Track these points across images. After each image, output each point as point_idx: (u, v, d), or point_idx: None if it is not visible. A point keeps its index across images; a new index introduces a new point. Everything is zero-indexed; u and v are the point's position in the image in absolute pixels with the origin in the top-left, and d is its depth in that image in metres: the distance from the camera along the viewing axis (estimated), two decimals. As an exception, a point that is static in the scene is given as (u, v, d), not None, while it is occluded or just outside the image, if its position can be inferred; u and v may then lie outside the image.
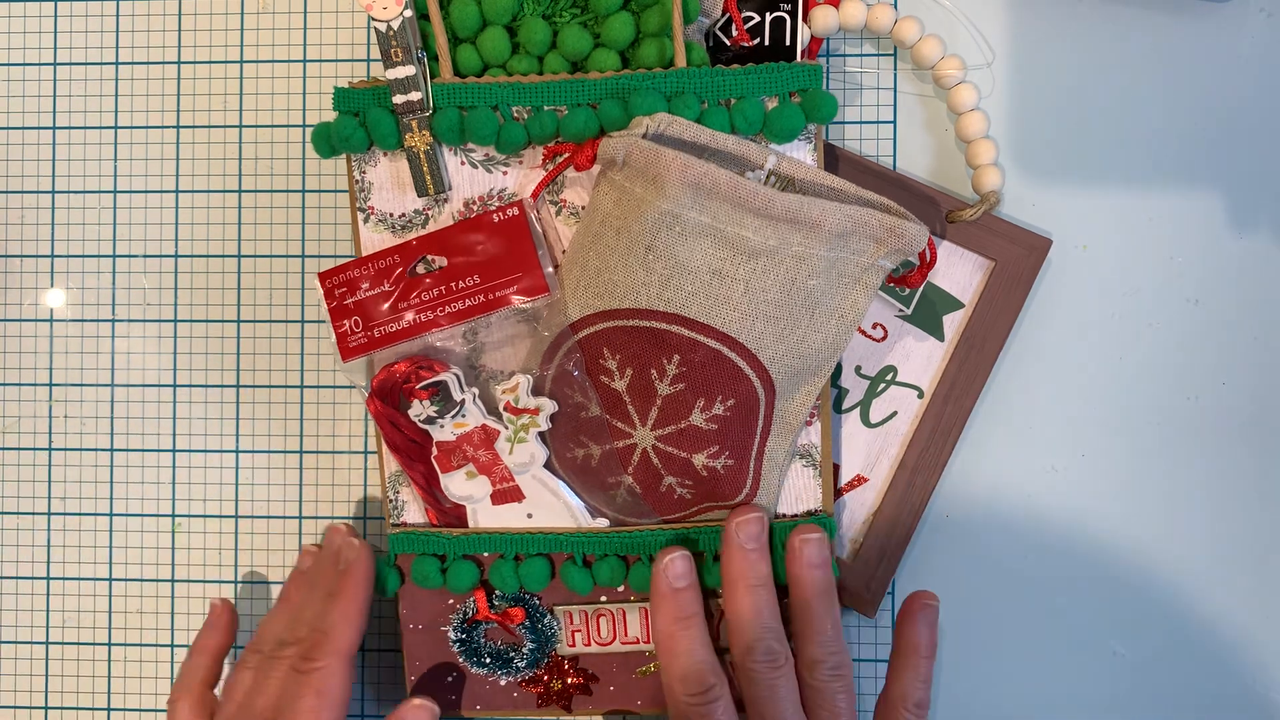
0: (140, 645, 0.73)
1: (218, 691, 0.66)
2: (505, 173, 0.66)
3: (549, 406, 0.65)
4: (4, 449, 0.73)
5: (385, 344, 0.65)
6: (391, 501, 0.69)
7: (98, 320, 0.72)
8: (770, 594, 0.63)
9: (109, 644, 0.73)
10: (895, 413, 0.69)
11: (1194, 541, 0.69)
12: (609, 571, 0.67)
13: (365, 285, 0.65)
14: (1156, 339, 0.68)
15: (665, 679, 0.63)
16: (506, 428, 0.65)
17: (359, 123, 0.65)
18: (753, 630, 0.62)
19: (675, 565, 0.64)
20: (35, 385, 0.73)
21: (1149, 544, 0.69)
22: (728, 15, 0.66)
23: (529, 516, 0.67)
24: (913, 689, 0.63)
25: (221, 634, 0.68)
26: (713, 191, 0.60)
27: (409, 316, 0.65)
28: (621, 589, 0.68)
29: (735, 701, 0.63)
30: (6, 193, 0.72)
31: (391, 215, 0.67)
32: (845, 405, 0.69)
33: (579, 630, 0.69)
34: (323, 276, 0.66)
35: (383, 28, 0.64)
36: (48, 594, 0.73)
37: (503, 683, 0.69)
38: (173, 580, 0.72)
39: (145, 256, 0.72)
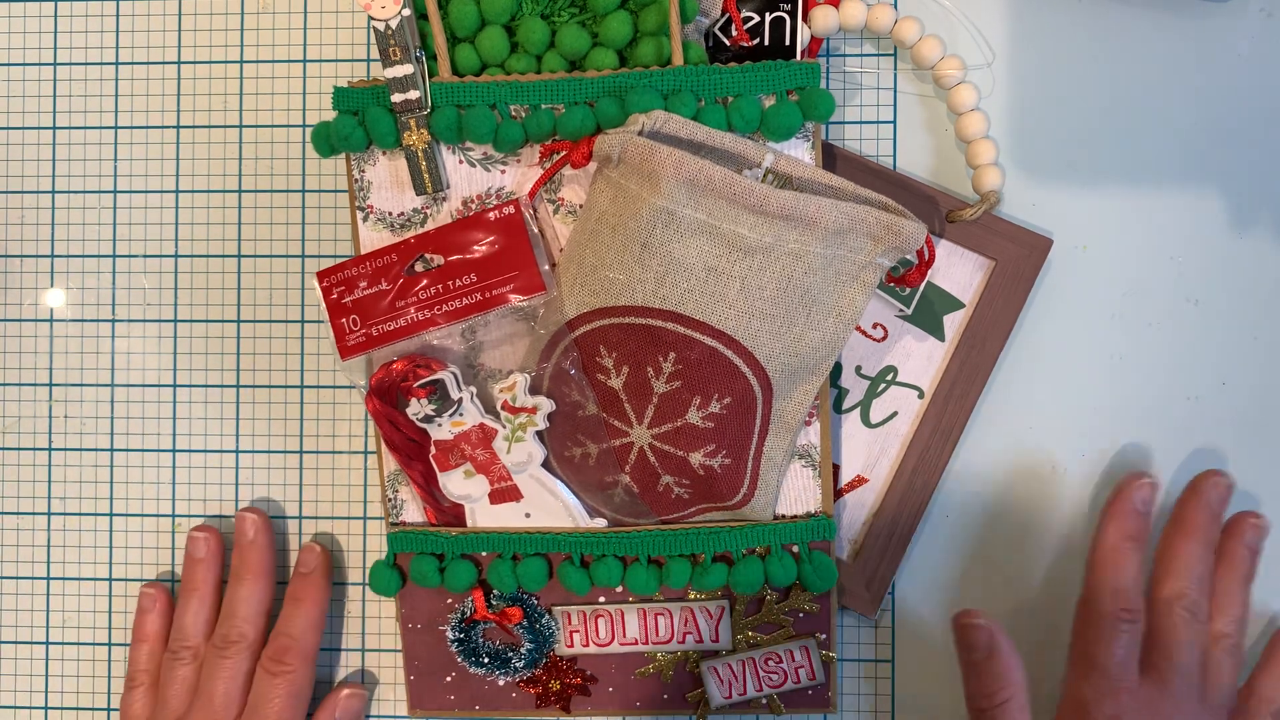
0: (140, 645, 0.73)
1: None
2: (503, 171, 0.66)
3: (546, 405, 0.65)
4: (4, 449, 0.73)
5: (383, 342, 0.65)
6: (390, 500, 0.69)
7: (98, 320, 0.72)
8: (1212, 557, 0.65)
9: (109, 644, 0.73)
10: (895, 413, 0.69)
11: (1195, 542, 0.68)
12: (607, 572, 0.66)
13: (363, 284, 0.65)
14: (1156, 339, 0.68)
15: (1094, 587, 0.65)
16: (504, 426, 0.65)
17: (358, 122, 0.65)
18: (1189, 578, 0.64)
19: (1146, 489, 0.66)
20: (35, 385, 0.73)
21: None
22: (727, 15, 0.65)
23: (527, 516, 0.67)
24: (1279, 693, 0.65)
25: (160, 619, 0.71)
26: (708, 188, 0.60)
27: (407, 315, 0.65)
28: (619, 589, 0.68)
29: None
30: (6, 193, 0.72)
31: (390, 214, 0.67)
32: (845, 405, 0.69)
33: (577, 631, 0.68)
34: (321, 275, 0.66)
35: (381, 27, 0.64)
36: (48, 594, 0.73)
37: (501, 683, 0.69)
38: (172, 580, 0.72)
39: (145, 256, 0.72)
